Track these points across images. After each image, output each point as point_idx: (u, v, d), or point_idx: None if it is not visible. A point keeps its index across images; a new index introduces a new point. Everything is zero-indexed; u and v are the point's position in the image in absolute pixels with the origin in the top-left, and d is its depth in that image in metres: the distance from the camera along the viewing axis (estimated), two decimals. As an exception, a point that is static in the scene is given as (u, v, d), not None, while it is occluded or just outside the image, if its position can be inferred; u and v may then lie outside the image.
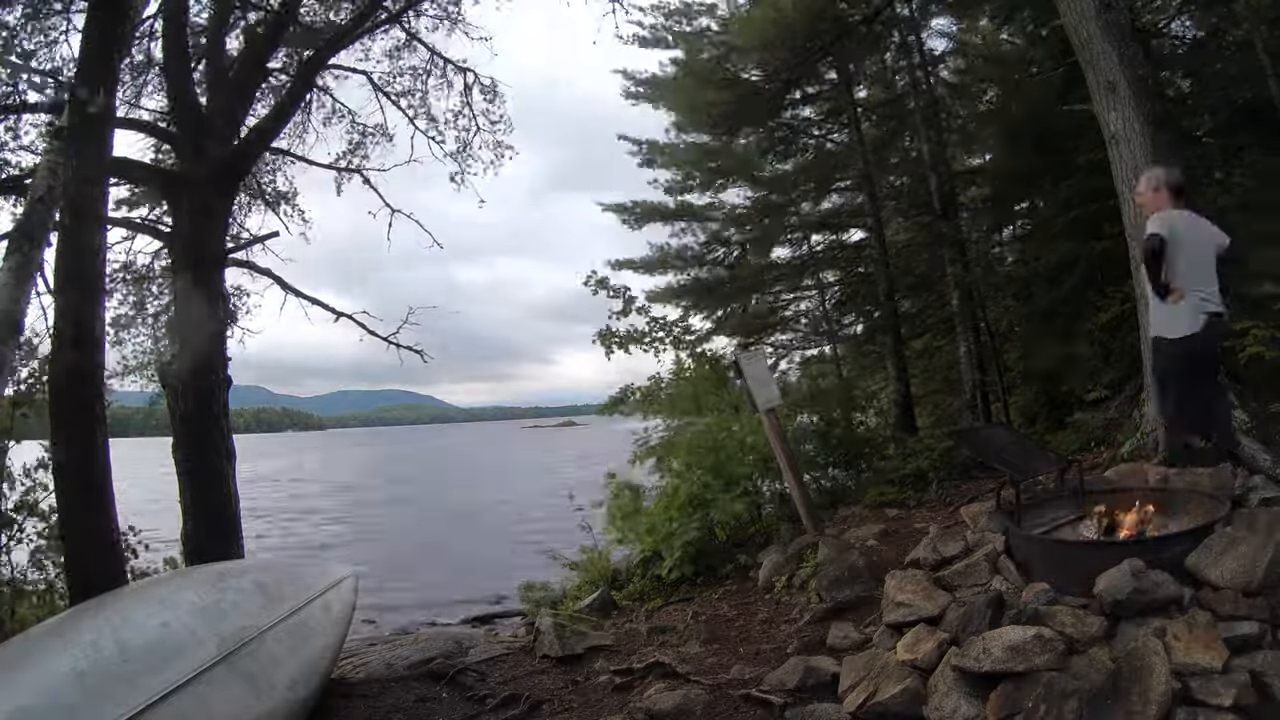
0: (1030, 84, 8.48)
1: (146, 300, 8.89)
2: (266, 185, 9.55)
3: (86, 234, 4.91)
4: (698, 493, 5.92)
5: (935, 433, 8.89)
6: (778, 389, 6.04)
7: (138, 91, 8.42)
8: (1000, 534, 3.62)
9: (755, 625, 4.47)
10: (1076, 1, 5.14)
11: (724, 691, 3.49)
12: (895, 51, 11.14)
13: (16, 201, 6.77)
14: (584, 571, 6.59)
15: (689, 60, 11.25)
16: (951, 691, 2.85)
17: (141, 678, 2.68)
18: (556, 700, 3.76)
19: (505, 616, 7.17)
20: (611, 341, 6.93)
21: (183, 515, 6.53)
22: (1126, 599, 2.80)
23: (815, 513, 5.66)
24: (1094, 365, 7.70)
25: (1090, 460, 5.41)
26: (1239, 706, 2.45)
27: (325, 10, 8.83)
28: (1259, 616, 2.70)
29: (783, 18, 9.63)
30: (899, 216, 12.19)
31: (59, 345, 4.87)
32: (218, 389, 6.80)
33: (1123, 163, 4.96)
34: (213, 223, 7.04)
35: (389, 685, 4.02)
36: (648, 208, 12.29)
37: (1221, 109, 7.09)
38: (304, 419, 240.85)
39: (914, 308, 12.10)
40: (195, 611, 3.15)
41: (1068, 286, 7.77)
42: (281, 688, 3.17)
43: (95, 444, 4.86)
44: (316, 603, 3.75)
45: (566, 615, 5.10)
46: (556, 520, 7.75)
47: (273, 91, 8.59)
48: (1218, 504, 3.26)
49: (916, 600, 3.43)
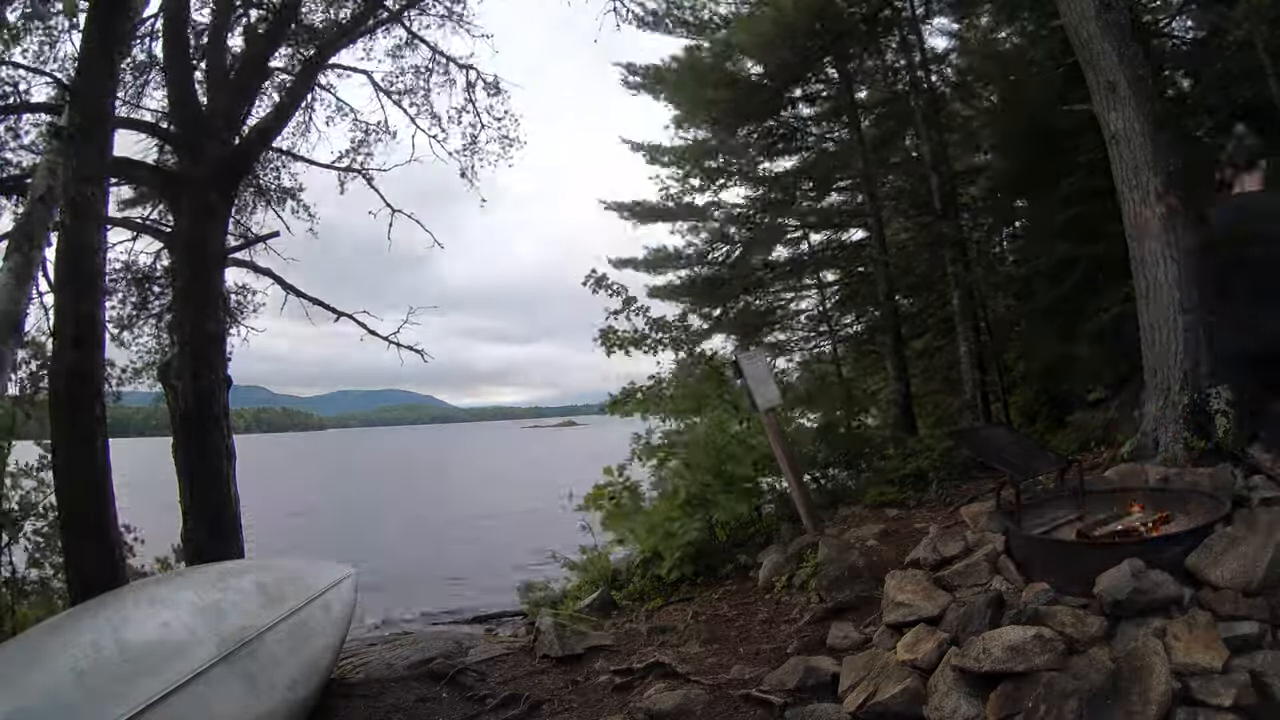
0: (1030, 84, 8.47)
1: (149, 300, 8.89)
2: (271, 184, 9.55)
3: (87, 234, 4.91)
4: (698, 492, 5.92)
5: (935, 433, 8.89)
6: (777, 388, 6.04)
7: (138, 91, 8.43)
8: (1000, 534, 3.62)
9: (755, 625, 4.47)
10: (1076, 1, 5.13)
11: (724, 691, 3.49)
12: (896, 51, 11.13)
13: (17, 201, 6.77)
14: (584, 571, 6.59)
15: (690, 56, 11.21)
16: (951, 691, 2.85)
17: (141, 678, 2.68)
18: (556, 700, 3.76)
19: (505, 616, 7.16)
20: (612, 342, 6.92)
21: (183, 515, 6.54)
22: (1126, 599, 2.80)
23: (815, 513, 5.66)
24: (1094, 365, 7.69)
25: (1090, 460, 5.41)
26: (1239, 706, 2.45)
27: (326, 9, 8.83)
28: (1259, 616, 2.70)
29: (783, 17, 9.62)
30: (899, 216, 12.18)
31: (59, 345, 4.88)
32: (218, 389, 6.80)
33: (1123, 162, 4.95)
34: (213, 222, 7.04)
35: (389, 685, 4.02)
36: (649, 206, 12.30)
37: (1221, 109, 7.08)
38: (304, 419, 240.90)
39: (914, 307, 12.10)
40: (195, 611, 3.15)
41: (1068, 286, 7.76)
42: (281, 688, 3.17)
43: (95, 444, 4.86)
44: (316, 603, 3.75)
45: (566, 615, 5.10)
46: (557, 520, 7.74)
47: (274, 91, 8.59)
48: (1218, 504, 3.26)
49: (916, 600, 3.42)
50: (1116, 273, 6.12)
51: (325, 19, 8.75)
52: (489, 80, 9.57)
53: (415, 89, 9.50)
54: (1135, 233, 4.89)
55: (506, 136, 9.74)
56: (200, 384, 6.60)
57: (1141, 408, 5.04)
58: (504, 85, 9.63)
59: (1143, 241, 4.84)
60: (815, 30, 9.75)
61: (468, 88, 9.55)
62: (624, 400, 6.96)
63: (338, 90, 9.49)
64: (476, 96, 9.58)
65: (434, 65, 9.45)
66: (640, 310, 6.99)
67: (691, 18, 11.42)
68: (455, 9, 9.25)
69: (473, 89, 9.55)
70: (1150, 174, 4.79)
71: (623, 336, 6.90)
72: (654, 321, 7.03)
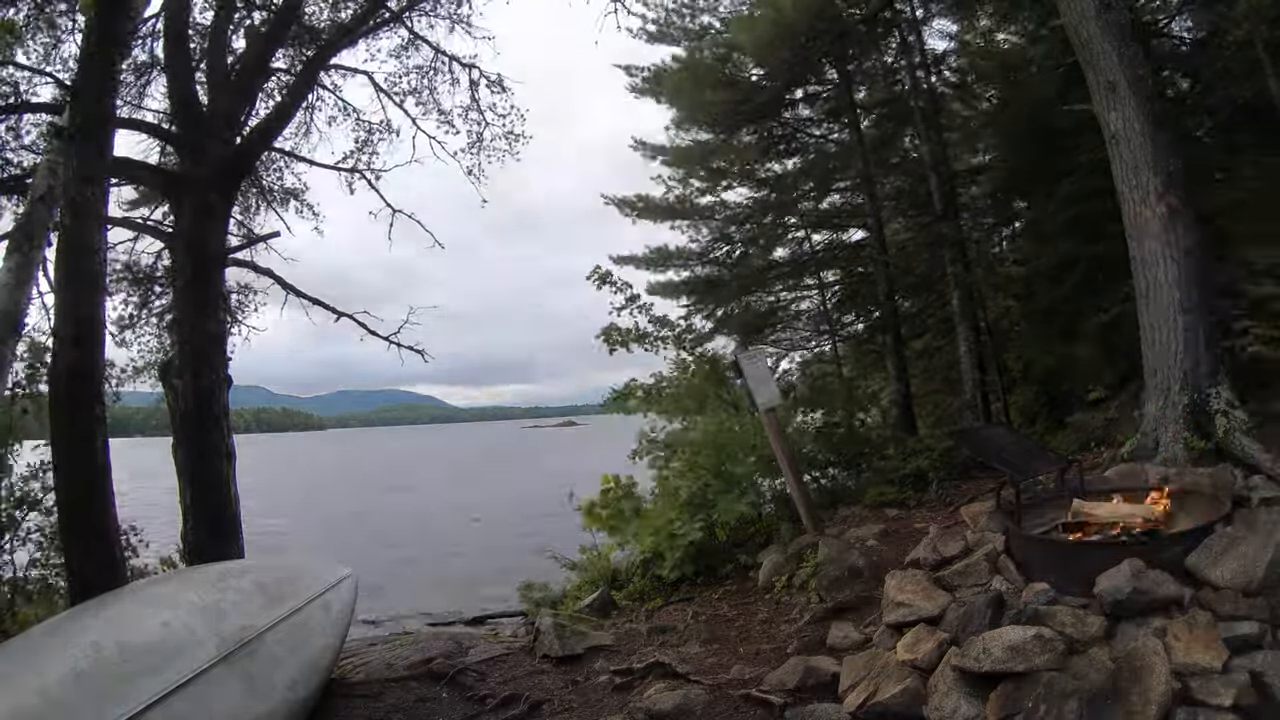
0: (1030, 84, 8.47)
1: (149, 300, 8.89)
2: (274, 184, 9.54)
3: (87, 234, 4.90)
4: (699, 492, 5.92)
5: (935, 433, 8.89)
6: (778, 388, 6.04)
7: (139, 91, 8.43)
8: (1000, 534, 3.63)
9: (755, 625, 4.47)
10: (1076, 1, 5.14)
11: (724, 691, 3.49)
12: (895, 51, 11.14)
13: (17, 201, 6.77)
14: (584, 571, 6.58)
15: (690, 59, 11.24)
16: (951, 691, 2.85)
17: (141, 678, 2.68)
18: (556, 700, 3.76)
19: (505, 616, 7.15)
20: (615, 340, 6.92)
21: (183, 515, 6.53)
22: (1126, 599, 2.80)
23: (815, 513, 5.66)
24: (1094, 365, 7.69)
25: (1090, 460, 5.41)
26: (1239, 706, 2.45)
27: (328, 9, 8.83)
28: (1259, 616, 2.70)
29: (783, 17, 9.63)
30: (899, 216, 12.18)
31: (59, 345, 4.87)
32: (218, 389, 6.79)
33: (1123, 162, 4.96)
34: (214, 222, 7.03)
35: (389, 685, 4.01)
36: (651, 203, 12.31)
37: (1221, 109, 7.08)
38: (304, 419, 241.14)
39: (914, 308, 12.10)
40: (195, 611, 3.15)
41: (1068, 286, 7.76)
42: (281, 688, 3.17)
43: (95, 444, 4.85)
44: (316, 603, 3.75)
45: (566, 615, 5.10)
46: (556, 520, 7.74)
47: (276, 91, 8.59)
48: (1218, 504, 3.26)
49: (916, 600, 3.43)
50: (1116, 273, 6.12)
51: (327, 20, 8.76)
52: (492, 79, 9.56)
53: (418, 89, 9.50)
54: (1135, 233, 4.89)
55: (512, 133, 9.72)
56: (200, 384, 6.59)
57: (1141, 408, 5.04)
58: (507, 84, 9.62)
59: (1143, 241, 4.84)
60: (815, 31, 9.75)
61: (471, 86, 9.54)
62: (624, 396, 6.95)
63: (340, 91, 9.51)
64: (480, 95, 9.57)
65: (437, 65, 9.45)
66: (643, 308, 7.00)
67: (693, 24, 11.48)
68: (458, 11, 9.25)
69: (476, 87, 9.54)
70: (1150, 174, 4.80)
71: (625, 334, 6.90)
72: (657, 319, 7.04)
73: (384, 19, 8.87)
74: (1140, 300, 4.89)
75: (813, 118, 11.96)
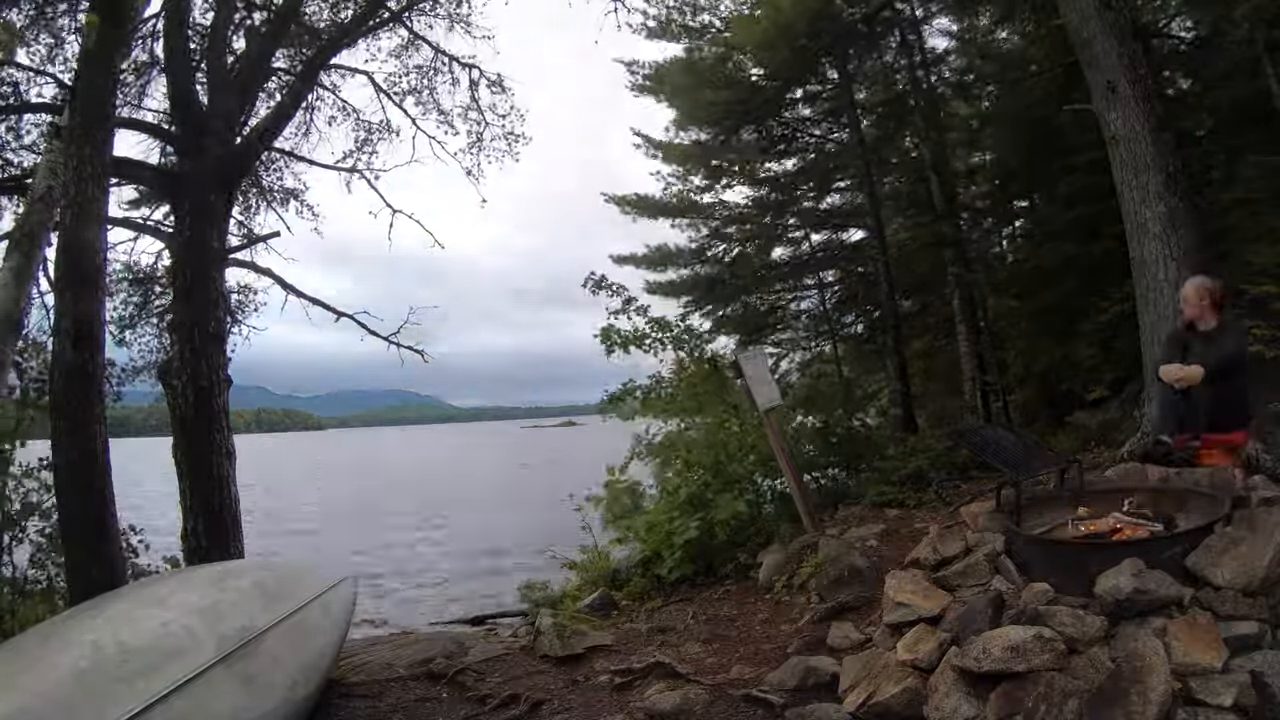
0: (1030, 84, 8.48)
1: (149, 300, 8.89)
2: (274, 184, 9.55)
3: (87, 234, 4.90)
4: (698, 492, 5.92)
5: (935, 433, 8.89)
6: (778, 389, 6.04)
7: (139, 91, 8.43)
8: (1000, 534, 3.62)
9: (755, 625, 4.47)
10: (1077, 1, 5.14)
11: (724, 691, 3.49)
12: (895, 51, 11.14)
13: (17, 201, 6.77)
14: (584, 571, 6.58)
15: (690, 59, 11.25)
16: (951, 691, 2.85)
17: (141, 678, 2.68)
18: (556, 700, 3.75)
19: (505, 616, 7.16)
20: (613, 341, 6.91)
21: (183, 515, 6.53)
22: (1126, 599, 2.79)
23: (815, 513, 5.66)
24: (1094, 365, 7.69)
25: (1090, 460, 5.41)
26: (1239, 706, 2.45)
27: (328, 9, 8.83)
28: (1259, 616, 2.70)
29: (782, 17, 9.63)
30: (899, 216, 12.19)
31: (59, 345, 4.87)
32: (218, 389, 6.79)
33: (1123, 162, 4.97)
34: (213, 222, 7.03)
35: (389, 685, 4.01)
36: (651, 201, 12.32)
37: (1221, 109, 7.08)
38: (304, 419, 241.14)
39: (914, 308, 12.11)
40: (195, 611, 3.14)
41: (1068, 286, 7.76)
42: (281, 688, 3.16)
43: (95, 444, 4.85)
44: (316, 603, 3.74)
45: (566, 615, 5.09)
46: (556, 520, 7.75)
47: (276, 91, 8.59)
48: (1218, 504, 3.25)
49: (916, 600, 3.42)
50: (1116, 273, 6.13)
51: (327, 20, 8.76)
52: (492, 79, 9.57)
53: (418, 89, 9.50)
54: (1135, 233, 4.89)
55: (512, 132, 9.73)
56: (200, 384, 6.59)
57: (1141, 408, 5.04)
58: (507, 83, 9.63)
59: (1143, 241, 4.84)
60: (815, 31, 9.75)
61: (471, 86, 9.54)
62: (621, 397, 6.94)
63: (340, 91, 9.51)
64: (480, 94, 9.58)
65: (437, 65, 9.46)
66: (641, 310, 6.99)
67: (694, 22, 11.46)
68: (457, 11, 9.25)
69: (476, 87, 9.54)
70: (1150, 174, 4.80)
71: (623, 335, 6.89)
72: (655, 321, 7.03)
73: (384, 19, 8.88)
74: (1140, 300, 4.90)
75: (813, 117, 11.97)
